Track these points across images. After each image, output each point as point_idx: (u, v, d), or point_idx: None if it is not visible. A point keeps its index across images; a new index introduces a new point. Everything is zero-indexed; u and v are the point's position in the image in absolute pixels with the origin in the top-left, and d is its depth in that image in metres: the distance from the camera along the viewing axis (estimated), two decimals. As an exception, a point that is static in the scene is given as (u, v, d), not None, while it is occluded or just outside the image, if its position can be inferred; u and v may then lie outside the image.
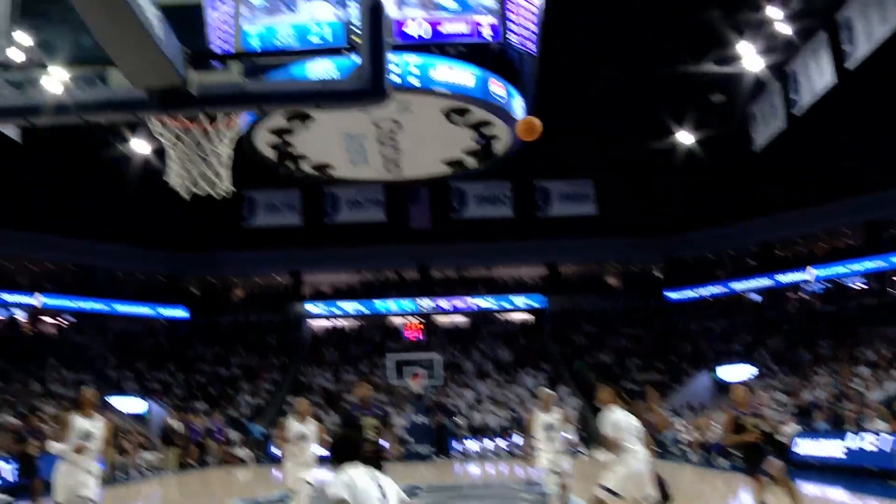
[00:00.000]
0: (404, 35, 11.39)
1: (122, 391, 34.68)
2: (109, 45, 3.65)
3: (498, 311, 44.52)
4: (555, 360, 38.97)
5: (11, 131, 20.43)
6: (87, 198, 35.71)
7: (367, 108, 4.07)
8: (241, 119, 6.17)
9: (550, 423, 11.65)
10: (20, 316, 41.38)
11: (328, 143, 12.89)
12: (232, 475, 26.62)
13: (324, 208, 33.09)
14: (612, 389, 9.45)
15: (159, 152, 25.35)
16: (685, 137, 30.46)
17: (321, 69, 9.80)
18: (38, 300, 40.49)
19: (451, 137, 13.04)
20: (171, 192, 5.89)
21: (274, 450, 26.93)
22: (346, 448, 4.59)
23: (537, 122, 6.42)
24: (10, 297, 40.03)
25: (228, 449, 30.83)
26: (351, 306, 44.53)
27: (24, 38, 4.19)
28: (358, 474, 4.44)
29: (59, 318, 42.93)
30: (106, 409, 28.12)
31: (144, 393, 35.15)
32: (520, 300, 44.13)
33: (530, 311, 44.29)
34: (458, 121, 12.51)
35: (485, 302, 43.98)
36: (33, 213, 36.75)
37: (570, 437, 13.75)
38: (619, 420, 9.04)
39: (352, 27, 4.13)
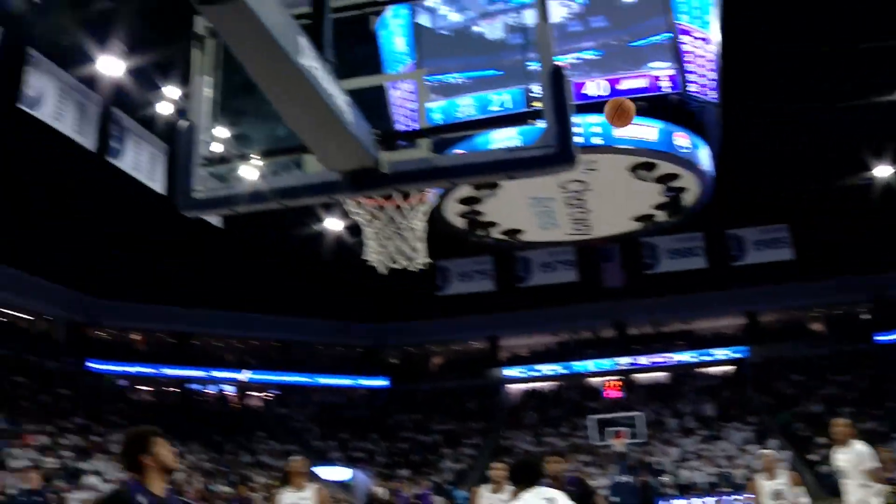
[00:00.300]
0: (583, 96, 11.40)
1: (326, 460, 35.59)
2: (304, 134, 3.81)
3: (698, 365, 43.21)
4: (760, 412, 37.39)
5: (214, 218, 21.62)
6: (286, 276, 37.24)
7: (555, 173, 4.04)
8: (432, 192, 6.30)
9: (778, 491, 10.45)
10: (229, 391, 43.39)
11: (517, 208, 12.97)
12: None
13: (516, 272, 33.25)
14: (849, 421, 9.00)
15: (352, 229, 26.21)
16: (883, 171, 28.97)
17: (504, 137, 9.90)
18: (244, 376, 42.41)
19: (639, 193, 12.88)
20: (366, 266, 6.05)
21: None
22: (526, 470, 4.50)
23: (628, 102, 5.95)
24: (219, 374, 42.14)
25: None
26: (548, 368, 44.25)
27: (223, 132, 4.42)
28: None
29: (265, 392, 44.72)
30: (313, 478, 28.95)
31: (348, 462, 35.95)
32: (720, 352, 42.68)
33: (731, 362, 42.73)
34: (644, 176, 12.36)
35: (684, 356, 42.82)
36: (238, 295, 38.62)
37: (804, 501, 11.78)
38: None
39: (531, 93, 4.16)
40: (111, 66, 20.94)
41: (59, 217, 31.64)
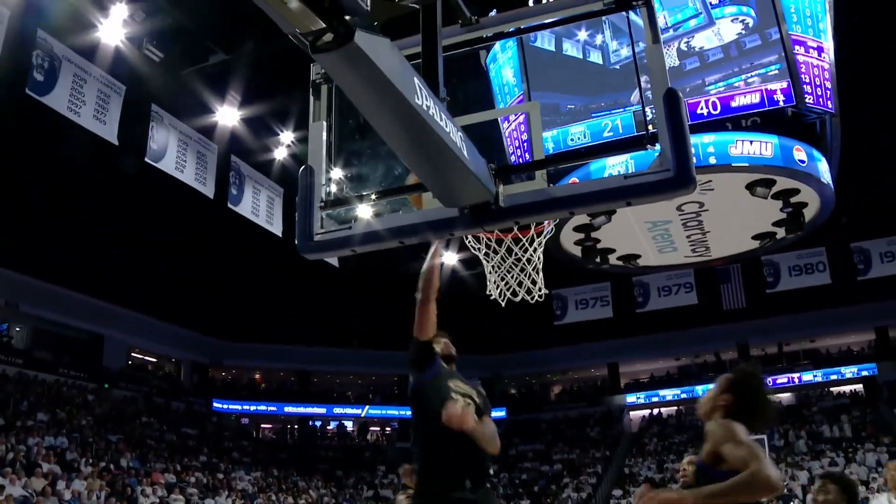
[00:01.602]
0: (696, 115, 11.24)
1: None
2: (421, 172, 3.84)
3: (825, 384, 41.77)
4: (895, 432, 35.87)
5: (332, 259, 21.97)
6: (403, 312, 37.54)
7: (674, 197, 3.98)
8: (548, 223, 6.29)
9: None
10: (349, 426, 43.99)
11: (633, 233, 12.81)
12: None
13: (634, 297, 32.86)
14: None
15: (466, 261, 26.31)
16: None
17: (617, 163, 9.82)
18: (364, 411, 42.96)
19: (758, 211, 12.57)
20: (483, 297, 6.04)
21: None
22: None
23: None
24: (340, 410, 42.67)
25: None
26: (670, 393, 43.50)
27: (340, 174, 4.48)
28: None
29: (385, 427, 45.16)
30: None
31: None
32: (848, 370, 41.17)
33: (860, 380, 41.16)
34: (762, 193, 12.06)
35: (810, 376, 41.50)
36: (356, 332, 39.18)
37: None
38: None
39: (644, 117, 4.10)
40: (228, 115, 21.62)
41: (182, 265, 32.65)
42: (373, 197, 4.30)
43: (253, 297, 36.61)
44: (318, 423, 44.43)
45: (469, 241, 5.45)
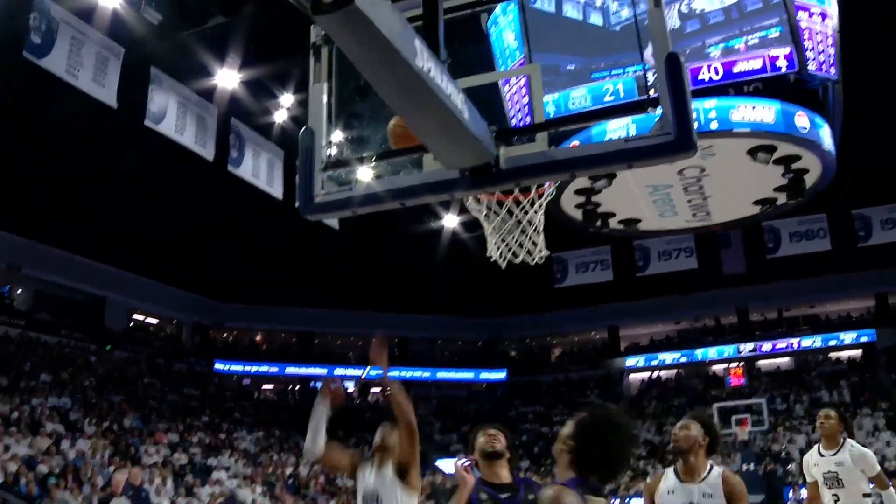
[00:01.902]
0: (698, 81, 11.19)
1: (448, 454, 35.87)
2: (422, 133, 3.84)
3: (824, 350, 41.90)
4: (893, 397, 36.01)
5: (331, 221, 21.96)
6: (404, 274, 37.64)
7: (674, 161, 3.98)
8: (549, 186, 6.28)
9: None
10: (350, 387, 44.27)
11: (634, 197, 12.78)
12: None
13: (634, 261, 32.90)
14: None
15: (467, 224, 26.34)
16: None
17: (618, 126, 9.78)
18: (365, 372, 43.09)
19: (760, 177, 12.54)
20: (483, 260, 6.05)
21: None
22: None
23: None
24: (341, 371, 42.90)
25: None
26: (670, 356, 43.68)
27: (341, 136, 4.49)
28: None
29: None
30: (434, 471, 29.48)
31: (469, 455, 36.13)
32: (847, 336, 41.29)
33: (859, 346, 41.31)
34: (764, 159, 12.02)
35: (809, 341, 41.65)
36: (357, 293, 39.23)
37: None
38: None
39: (647, 81, 4.09)
40: (228, 78, 21.55)
41: (185, 228, 32.71)
42: (373, 159, 4.30)
43: (254, 258, 36.67)
44: (318, 385, 44.58)
45: (469, 203, 5.45)
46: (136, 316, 40.24)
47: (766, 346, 41.70)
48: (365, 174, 4.48)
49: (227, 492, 24.60)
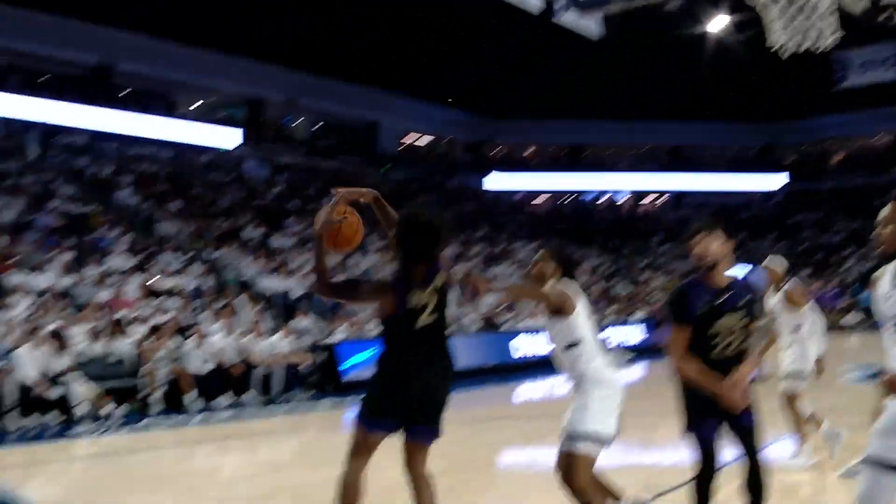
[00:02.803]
0: None
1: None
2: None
3: None
4: None
5: (593, 30, 21.41)
6: (674, 80, 36.55)
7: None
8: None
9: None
10: (623, 198, 44.41)
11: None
12: (841, 342, 25.74)
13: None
14: None
15: (739, 24, 25.02)
16: None
17: None
18: (638, 181, 43.14)
19: None
20: (756, 62, 5.87)
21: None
22: None
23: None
24: (612, 181, 43.07)
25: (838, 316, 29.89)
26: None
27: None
28: None
29: (658, 197, 45.17)
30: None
31: (748, 262, 35.62)
32: None
33: None
34: None
35: None
36: (628, 103, 38.60)
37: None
38: None
39: None
40: None
41: (452, 47, 33.25)
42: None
43: (521, 72, 36.76)
44: (590, 197, 44.93)
45: (748, -5, 5.26)
46: (407, 138, 41.66)
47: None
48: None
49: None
